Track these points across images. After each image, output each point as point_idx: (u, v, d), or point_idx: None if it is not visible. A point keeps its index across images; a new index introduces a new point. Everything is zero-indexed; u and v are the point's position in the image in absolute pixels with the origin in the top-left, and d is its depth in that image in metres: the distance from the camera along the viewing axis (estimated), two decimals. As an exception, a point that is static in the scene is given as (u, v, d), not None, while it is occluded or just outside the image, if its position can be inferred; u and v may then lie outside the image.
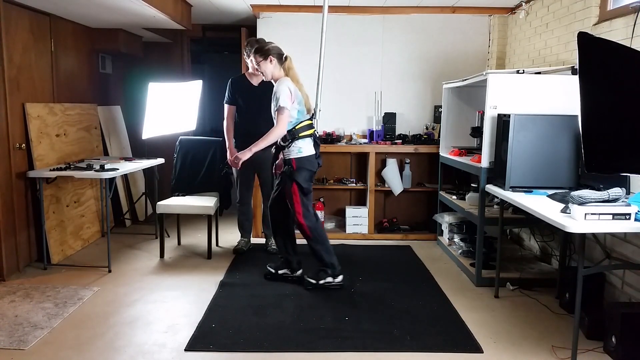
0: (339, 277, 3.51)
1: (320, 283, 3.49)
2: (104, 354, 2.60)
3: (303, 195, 3.42)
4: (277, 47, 3.45)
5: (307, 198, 3.45)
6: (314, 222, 3.47)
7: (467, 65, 5.05)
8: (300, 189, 3.40)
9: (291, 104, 3.33)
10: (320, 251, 3.48)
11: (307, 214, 3.44)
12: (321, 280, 3.49)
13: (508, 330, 2.93)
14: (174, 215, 4.64)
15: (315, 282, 3.49)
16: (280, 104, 3.28)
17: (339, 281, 3.51)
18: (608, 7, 3.35)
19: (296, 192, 3.39)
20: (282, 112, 3.29)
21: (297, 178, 3.37)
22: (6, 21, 3.58)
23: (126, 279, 3.71)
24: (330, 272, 3.49)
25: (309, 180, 3.46)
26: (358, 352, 2.65)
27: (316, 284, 3.49)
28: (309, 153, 3.42)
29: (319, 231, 3.50)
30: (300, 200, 3.41)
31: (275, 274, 3.67)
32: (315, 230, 3.46)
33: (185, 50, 6.08)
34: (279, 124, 3.31)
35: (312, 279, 3.51)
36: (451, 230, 4.39)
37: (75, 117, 4.50)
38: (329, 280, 3.49)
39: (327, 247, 3.51)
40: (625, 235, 2.97)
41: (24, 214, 3.83)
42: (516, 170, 3.16)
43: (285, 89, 3.31)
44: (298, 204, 3.41)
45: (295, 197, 3.40)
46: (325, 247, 3.50)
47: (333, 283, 3.50)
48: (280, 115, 3.30)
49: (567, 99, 3.29)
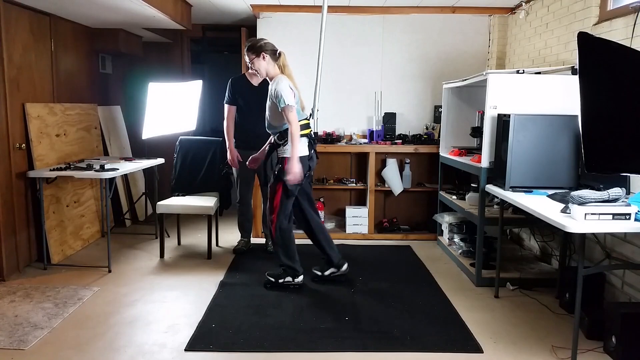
0: (299, 278, 3.51)
1: (279, 282, 3.50)
2: (104, 354, 2.60)
3: (285, 196, 3.38)
4: (269, 44, 3.41)
5: (288, 200, 3.41)
6: (285, 226, 3.44)
7: (467, 65, 5.05)
8: (285, 190, 3.36)
9: (293, 101, 3.31)
10: (279, 253, 3.49)
11: (282, 215, 3.40)
12: (280, 279, 3.50)
13: (508, 330, 2.93)
14: (174, 215, 4.64)
15: (275, 281, 3.51)
16: (287, 102, 3.24)
17: (299, 281, 3.51)
18: (608, 7, 3.35)
19: (279, 191, 3.37)
20: (291, 110, 3.25)
21: (284, 178, 3.33)
22: (6, 21, 3.58)
23: (126, 279, 3.71)
24: (290, 272, 3.50)
25: (297, 183, 3.38)
26: (358, 352, 2.65)
27: (275, 282, 3.51)
28: (302, 154, 3.37)
29: (285, 236, 3.46)
30: (281, 200, 3.38)
31: (323, 276, 3.63)
32: (282, 233, 3.43)
33: (185, 50, 6.09)
34: (291, 124, 3.25)
35: (272, 277, 3.53)
36: (451, 230, 4.39)
37: (75, 117, 4.50)
38: (289, 279, 3.50)
39: (289, 252, 3.49)
40: (625, 235, 2.97)
41: (24, 214, 3.83)
42: (516, 170, 3.15)
43: (286, 88, 3.28)
44: (277, 202, 3.38)
45: (277, 195, 3.37)
46: (286, 251, 3.48)
47: (292, 283, 3.50)
48: (290, 113, 3.24)
49: (567, 99, 3.29)
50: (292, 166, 3.26)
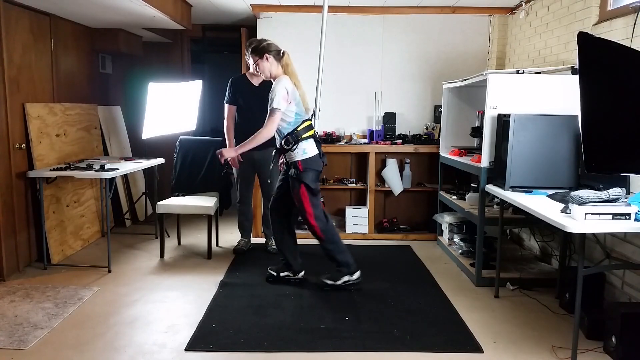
0: (355, 274, 3.47)
1: (338, 283, 3.45)
2: (104, 354, 2.60)
3: (312, 195, 3.37)
4: (272, 44, 3.39)
5: (316, 198, 3.41)
6: (325, 223, 3.42)
7: (467, 65, 5.05)
8: (309, 190, 3.35)
9: (286, 105, 3.27)
10: (333, 251, 3.45)
11: (318, 215, 3.40)
12: (339, 280, 3.45)
13: (508, 330, 2.93)
14: (174, 215, 4.64)
15: (333, 283, 3.46)
16: (274, 105, 3.21)
17: (357, 277, 3.47)
18: (608, 7, 3.35)
19: (305, 194, 3.35)
20: (274, 114, 3.23)
21: (304, 179, 3.33)
22: (6, 21, 3.58)
23: (126, 279, 3.71)
24: (345, 271, 3.46)
25: (316, 180, 3.42)
26: (358, 352, 2.65)
27: (334, 285, 3.45)
28: (314, 153, 3.38)
29: (331, 231, 3.45)
30: (310, 201, 3.36)
31: (277, 277, 3.64)
32: (326, 231, 3.42)
33: (185, 50, 6.09)
34: (267, 126, 3.26)
35: (330, 280, 3.47)
36: (451, 230, 4.39)
37: (75, 117, 4.50)
38: (346, 278, 3.45)
39: (340, 247, 3.46)
40: (625, 235, 2.97)
41: (24, 214, 3.83)
42: (516, 170, 3.15)
43: (282, 90, 3.25)
44: (308, 205, 3.37)
45: (304, 198, 3.36)
46: (337, 246, 3.45)
47: (351, 280, 3.46)
48: (270, 117, 3.24)
49: (567, 99, 3.29)
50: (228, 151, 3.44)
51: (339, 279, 3.45)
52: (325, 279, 3.49)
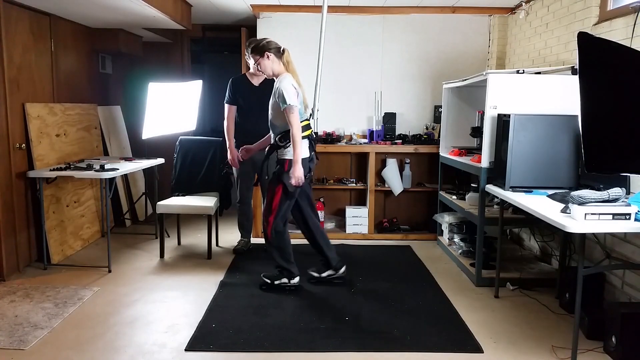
0: (294, 279, 3.49)
1: (275, 283, 3.49)
2: (104, 354, 2.60)
3: (285, 197, 3.34)
4: (272, 42, 3.37)
5: (288, 202, 3.37)
6: (281, 228, 3.41)
7: (467, 65, 5.05)
8: (285, 192, 3.32)
9: (297, 100, 3.26)
10: (275, 256, 3.46)
11: (279, 217, 3.37)
12: (276, 280, 3.49)
13: (508, 330, 2.93)
14: (174, 215, 4.64)
15: (270, 282, 3.49)
16: (289, 102, 3.18)
17: (295, 282, 3.49)
18: (608, 7, 3.35)
19: (279, 193, 3.33)
20: (293, 111, 3.20)
21: (285, 180, 3.29)
22: (6, 21, 3.58)
23: (126, 279, 3.71)
24: (286, 275, 3.48)
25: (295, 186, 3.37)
26: (358, 352, 2.65)
27: (271, 284, 3.49)
28: (303, 156, 3.33)
29: (281, 238, 3.43)
30: (280, 202, 3.34)
31: (320, 278, 3.61)
32: (277, 236, 3.41)
33: (185, 50, 6.09)
34: (293, 125, 3.20)
35: (268, 279, 3.51)
36: (451, 230, 4.39)
37: (75, 117, 4.50)
38: (284, 281, 3.48)
39: (285, 254, 3.46)
40: (625, 235, 2.97)
41: (24, 214, 3.83)
42: (516, 170, 3.15)
43: (289, 87, 3.24)
44: (276, 204, 3.34)
45: (276, 196, 3.33)
46: (282, 253, 3.45)
47: (289, 284, 3.49)
48: (291, 114, 3.19)
49: (567, 99, 3.29)
50: (295, 170, 3.20)
51: (278, 279, 3.49)
52: (264, 276, 3.52)
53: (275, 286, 3.48)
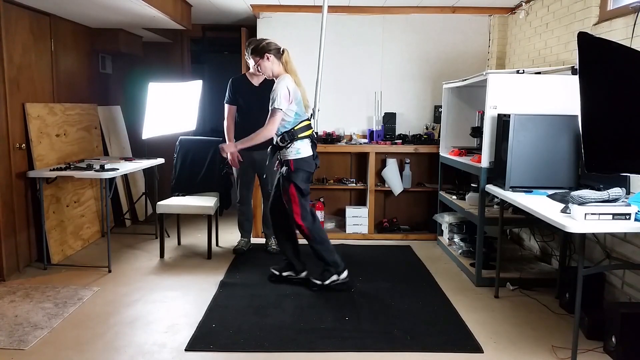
0: (343, 274, 3.47)
1: (326, 283, 3.45)
2: (104, 354, 2.60)
3: (301, 196, 3.38)
4: (272, 43, 3.39)
5: (305, 199, 3.42)
6: (312, 223, 3.44)
7: (467, 65, 5.05)
8: (299, 190, 3.36)
9: (287, 105, 3.28)
10: (320, 251, 3.45)
11: (305, 215, 3.41)
12: (326, 280, 3.46)
13: (508, 330, 2.93)
14: (174, 215, 4.64)
15: (321, 283, 3.46)
16: (275, 105, 3.23)
17: (344, 277, 3.47)
18: (608, 7, 3.35)
19: (294, 194, 3.37)
20: (275, 114, 3.25)
21: (294, 179, 3.34)
22: (6, 21, 3.58)
23: (126, 279, 3.71)
24: (334, 271, 3.46)
25: (307, 181, 3.43)
26: (358, 352, 2.65)
27: (322, 285, 3.46)
28: (307, 154, 3.39)
29: (318, 231, 3.46)
30: (298, 201, 3.37)
31: (280, 276, 3.63)
32: (313, 231, 3.43)
33: (185, 50, 6.08)
34: (268, 125, 3.28)
35: (318, 280, 3.48)
36: (451, 230, 4.39)
37: (75, 117, 4.50)
38: (334, 278, 3.46)
39: (328, 247, 3.48)
40: (625, 235, 2.97)
41: (24, 214, 3.83)
42: (516, 170, 3.16)
43: (284, 89, 3.25)
44: (296, 205, 3.38)
45: (293, 198, 3.37)
46: (325, 246, 3.47)
47: (339, 280, 3.46)
48: (272, 117, 3.25)
49: (567, 99, 3.29)
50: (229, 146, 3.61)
51: (327, 278, 3.46)
52: (313, 279, 3.50)
53: (328, 286, 3.45)
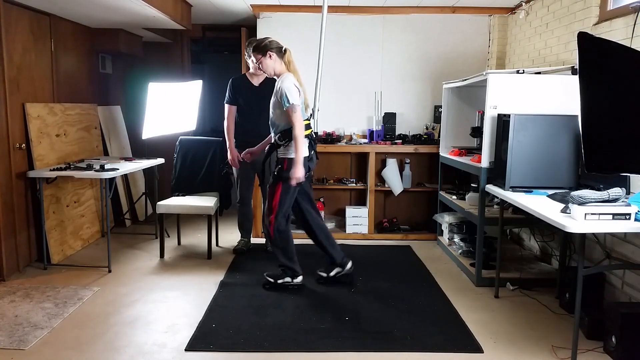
0: (298, 278, 3.49)
1: (278, 282, 3.49)
2: (104, 354, 2.60)
3: (285, 196, 3.34)
4: (274, 41, 3.38)
5: (288, 200, 3.37)
6: (283, 227, 3.40)
7: (467, 65, 5.05)
8: (284, 190, 3.32)
9: (299, 99, 3.27)
10: (278, 254, 3.46)
11: (280, 216, 3.37)
12: (279, 279, 3.49)
13: (508, 330, 2.93)
14: (174, 215, 4.64)
15: (274, 281, 3.50)
16: (292, 101, 3.19)
17: (298, 282, 3.49)
18: (608, 7, 3.35)
19: (278, 192, 3.33)
20: (295, 110, 3.20)
21: (284, 179, 3.30)
22: (6, 21, 3.58)
23: (126, 279, 3.71)
24: (289, 274, 3.48)
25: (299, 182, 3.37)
26: (358, 352, 2.65)
27: (274, 283, 3.49)
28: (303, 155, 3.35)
29: (284, 237, 3.43)
30: (280, 201, 3.34)
31: (328, 277, 3.60)
32: (279, 235, 3.41)
33: (185, 50, 6.09)
34: (295, 124, 3.20)
35: (271, 278, 3.51)
36: (451, 230, 4.39)
37: (75, 117, 4.50)
38: (287, 280, 3.48)
39: (287, 253, 3.46)
40: (625, 235, 2.97)
41: (24, 214, 3.83)
42: (516, 170, 3.16)
43: (292, 87, 3.24)
44: (276, 203, 3.35)
45: (276, 195, 3.34)
46: (285, 252, 3.45)
47: (291, 283, 3.49)
48: (293, 113, 3.20)
49: (567, 99, 3.29)
50: (297, 170, 3.20)
51: (280, 277, 3.50)
52: (267, 275, 3.53)
53: (279, 285, 3.49)
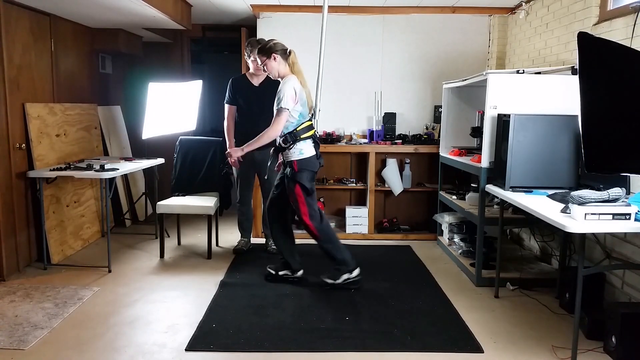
0: (355, 272, 3.46)
1: (338, 282, 3.45)
2: (104, 354, 2.60)
3: (307, 195, 3.39)
4: (279, 43, 3.40)
5: (311, 198, 3.42)
6: (320, 222, 3.43)
7: (467, 65, 5.05)
8: (304, 190, 3.37)
9: (293, 105, 3.30)
10: (330, 250, 3.45)
11: (313, 214, 3.41)
12: (338, 279, 3.45)
13: (508, 330, 2.93)
14: (174, 215, 4.64)
15: (334, 282, 3.45)
16: (282, 105, 3.24)
17: (357, 275, 3.47)
18: (608, 7, 3.36)
19: (300, 194, 3.37)
20: (281, 114, 3.26)
21: (299, 179, 3.35)
22: (6, 21, 3.58)
23: (126, 279, 3.71)
24: (344, 269, 3.45)
25: (311, 180, 3.43)
26: (358, 352, 2.65)
27: (334, 284, 3.45)
28: (310, 154, 3.39)
29: (327, 230, 3.45)
30: (305, 201, 3.38)
31: (276, 275, 3.64)
32: (322, 230, 3.43)
33: (185, 50, 6.09)
34: (274, 125, 3.28)
35: (330, 279, 3.47)
36: (451, 230, 4.39)
37: (75, 117, 4.50)
38: (345, 277, 3.45)
39: (337, 245, 3.46)
40: (625, 235, 2.97)
41: (24, 214, 3.83)
42: (516, 170, 3.15)
43: (290, 90, 3.27)
44: (303, 205, 3.38)
45: (299, 198, 3.38)
46: (334, 245, 3.46)
47: (351, 278, 3.45)
48: (278, 116, 3.27)
49: (567, 99, 3.29)
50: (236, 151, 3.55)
51: (338, 277, 3.45)
52: (325, 278, 3.48)
53: (341, 285, 3.45)
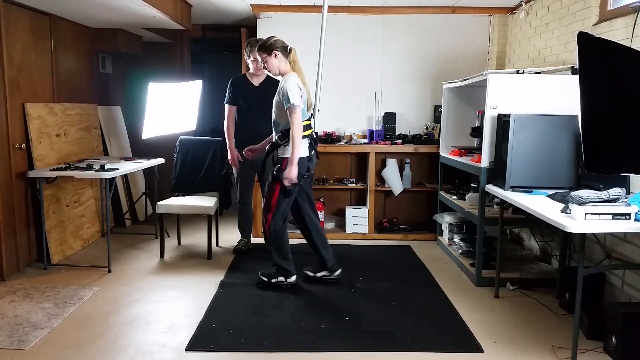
0: (291, 278, 3.50)
1: (272, 281, 3.49)
2: (104, 354, 2.60)
3: (284, 197, 3.36)
4: (279, 41, 3.38)
5: (286, 200, 3.38)
6: (280, 226, 3.42)
7: (467, 65, 5.05)
8: (282, 190, 3.34)
9: (300, 100, 3.27)
10: (272, 253, 3.48)
11: (277, 215, 3.39)
12: (273, 278, 3.50)
13: (508, 330, 2.93)
14: (174, 215, 4.64)
15: (267, 280, 3.50)
16: (293, 102, 3.19)
17: (292, 281, 3.50)
18: (608, 7, 3.36)
19: (276, 191, 3.35)
20: (295, 110, 3.21)
21: (282, 178, 3.30)
22: (6, 21, 3.58)
23: (126, 279, 3.71)
24: (282, 274, 3.49)
25: (295, 183, 3.36)
26: (358, 352, 2.65)
27: (268, 282, 3.50)
28: (302, 155, 3.34)
29: (279, 236, 3.45)
30: (278, 199, 3.36)
31: (314, 277, 3.61)
32: (275, 234, 3.43)
33: (185, 50, 6.09)
34: (294, 124, 3.21)
35: (265, 277, 3.52)
36: (451, 230, 4.39)
37: (75, 117, 4.50)
38: (281, 279, 3.49)
39: (282, 252, 3.48)
40: (625, 235, 2.97)
41: (24, 214, 3.83)
42: (516, 170, 3.16)
43: (294, 87, 3.25)
44: (274, 202, 3.36)
45: (274, 194, 3.35)
46: (280, 251, 3.47)
47: (285, 283, 3.49)
48: (292, 114, 3.21)
49: (567, 99, 3.29)
50: (290, 170, 3.23)
51: (274, 277, 3.50)
52: (261, 274, 3.54)
53: (272, 284, 3.49)
